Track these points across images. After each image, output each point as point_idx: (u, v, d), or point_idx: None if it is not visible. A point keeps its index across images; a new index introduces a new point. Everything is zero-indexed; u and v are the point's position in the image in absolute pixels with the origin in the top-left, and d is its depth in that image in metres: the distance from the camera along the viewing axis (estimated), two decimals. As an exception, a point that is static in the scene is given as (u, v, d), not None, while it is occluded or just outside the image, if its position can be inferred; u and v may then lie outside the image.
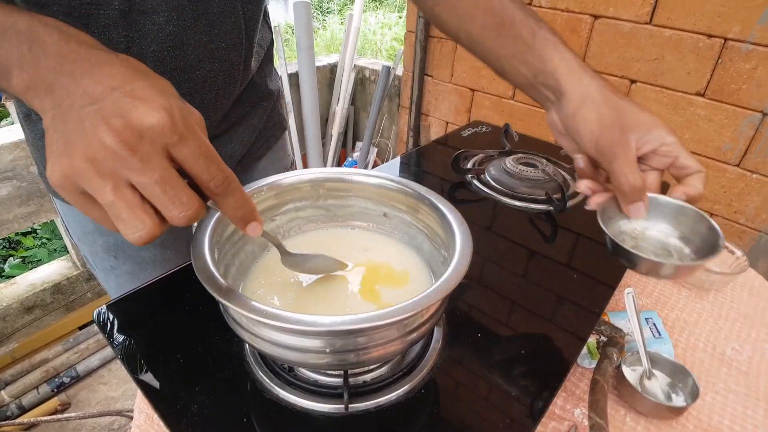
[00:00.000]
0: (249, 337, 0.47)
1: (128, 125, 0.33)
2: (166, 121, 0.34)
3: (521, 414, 0.53)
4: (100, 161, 0.33)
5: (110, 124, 0.33)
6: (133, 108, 0.34)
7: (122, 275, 0.85)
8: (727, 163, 1.50)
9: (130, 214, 0.35)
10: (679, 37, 1.46)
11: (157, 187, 0.35)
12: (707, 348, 0.79)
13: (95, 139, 0.33)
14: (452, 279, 0.45)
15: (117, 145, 0.33)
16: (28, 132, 0.73)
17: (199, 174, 0.37)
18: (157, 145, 0.35)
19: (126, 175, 0.34)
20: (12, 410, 1.68)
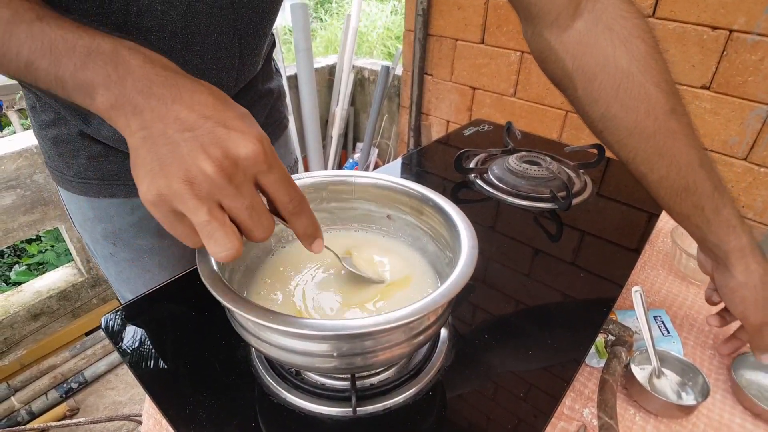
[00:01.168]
0: (256, 341, 0.46)
1: (226, 155, 0.37)
2: (259, 151, 0.38)
3: (530, 415, 0.52)
4: (198, 185, 0.37)
5: (209, 153, 0.37)
6: (229, 138, 0.38)
7: (121, 262, 0.86)
8: (733, 157, 1.49)
9: (222, 234, 0.38)
10: (682, 30, 1.45)
11: (245, 212, 0.39)
12: (716, 345, 0.79)
13: (194, 165, 0.37)
14: (459, 281, 0.44)
15: (216, 172, 0.37)
16: (34, 122, 0.75)
17: (281, 198, 0.42)
18: (249, 173, 0.39)
19: (220, 199, 0.38)
20: (22, 416, 1.69)
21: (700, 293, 0.89)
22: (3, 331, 1.80)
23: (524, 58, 1.83)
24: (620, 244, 0.82)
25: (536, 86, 1.85)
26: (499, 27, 1.85)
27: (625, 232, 0.85)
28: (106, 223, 0.82)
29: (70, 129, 0.73)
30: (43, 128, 0.74)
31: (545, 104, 1.85)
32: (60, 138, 0.74)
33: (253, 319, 0.40)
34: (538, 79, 1.83)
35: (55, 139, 0.74)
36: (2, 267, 2.71)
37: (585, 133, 1.79)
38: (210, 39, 0.64)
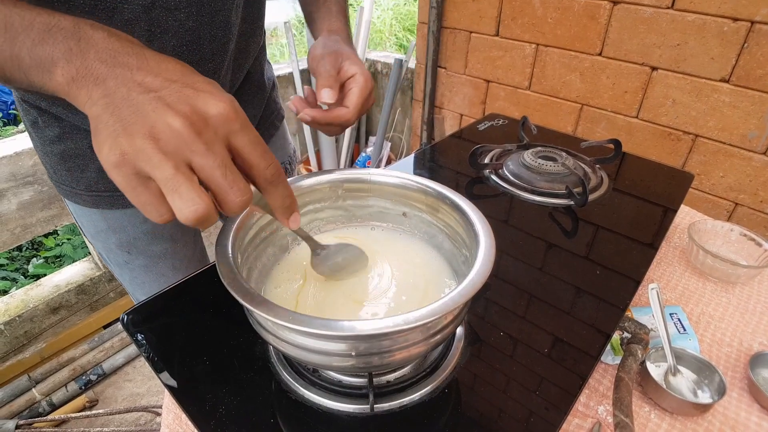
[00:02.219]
0: (274, 340, 0.47)
1: (195, 111, 0.36)
2: (230, 110, 0.37)
3: (545, 412, 0.52)
4: (164, 141, 0.35)
5: (177, 109, 0.35)
6: (198, 97, 0.36)
7: (136, 269, 0.87)
8: (752, 151, 1.47)
9: (188, 188, 0.35)
10: (702, 22, 1.42)
11: (218, 171, 0.36)
12: (733, 343, 0.78)
13: (160, 121, 0.35)
14: (477, 281, 0.44)
15: (184, 127, 0.35)
16: (36, 138, 0.75)
17: (256, 162, 0.39)
18: (221, 132, 0.37)
19: (188, 156, 0.36)
20: (43, 407, 1.73)
21: (718, 290, 0.88)
22: (23, 324, 1.83)
23: (539, 50, 1.81)
24: (637, 240, 0.81)
25: (551, 79, 1.83)
26: (513, 19, 1.83)
27: (641, 228, 0.84)
28: (119, 234, 0.82)
29: (77, 143, 0.72)
30: (47, 144, 0.73)
31: (560, 97, 1.83)
32: (67, 153, 0.73)
33: (272, 320, 0.41)
34: (553, 72, 1.81)
35: (63, 154, 0.73)
36: (20, 260, 2.76)
37: (600, 127, 1.77)
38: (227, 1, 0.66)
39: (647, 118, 1.65)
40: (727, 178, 1.56)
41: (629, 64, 1.62)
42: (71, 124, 0.71)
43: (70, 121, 0.70)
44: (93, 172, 0.75)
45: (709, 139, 1.55)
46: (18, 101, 0.72)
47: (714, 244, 0.96)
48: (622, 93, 1.67)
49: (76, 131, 0.71)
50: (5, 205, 1.65)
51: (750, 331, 0.80)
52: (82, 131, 0.71)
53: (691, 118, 1.56)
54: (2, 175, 1.61)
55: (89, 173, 0.75)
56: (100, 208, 0.78)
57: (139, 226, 0.82)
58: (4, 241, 1.69)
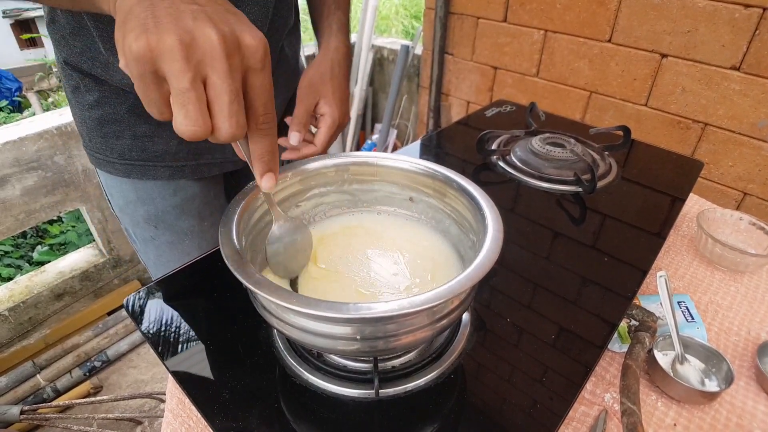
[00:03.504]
0: (278, 323, 0.47)
1: (233, 33, 0.36)
2: (261, 47, 0.38)
3: (551, 399, 0.52)
4: (193, 48, 0.35)
5: (217, 26, 0.36)
6: (238, 23, 0.37)
7: (161, 245, 0.88)
8: (762, 140, 1.45)
9: (196, 108, 0.36)
10: (713, 8, 1.40)
11: (227, 97, 0.37)
12: (741, 332, 0.77)
13: (198, 29, 0.35)
14: (484, 265, 0.44)
15: (218, 41, 0.35)
16: (75, 105, 0.76)
17: (259, 105, 0.40)
18: (246, 63, 0.38)
19: (209, 71, 0.36)
20: (48, 393, 1.74)
21: (726, 279, 0.87)
22: (28, 310, 1.84)
23: (548, 36, 1.79)
24: (645, 228, 0.80)
25: (559, 66, 1.81)
26: (522, 5, 1.80)
27: (650, 216, 0.83)
28: (148, 206, 0.83)
29: (115, 108, 0.74)
30: (86, 109, 0.75)
31: (568, 84, 1.81)
32: (105, 118, 0.74)
33: (276, 302, 0.40)
34: (562, 58, 1.79)
35: (100, 119, 0.75)
36: (25, 247, 2.77)
37: (608, 114, 1.76)
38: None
39: (656, 106, 1.63)
40: (736, 168, 1.54)
41: (639, 51, 1.60)
42: (111, 88, 0.72)
43: (109, 84, 0.72)
44: (128, 139, 0.76)
45: (719, 128, 1.53)
46: (61, 66, 0.74)
47: (723, 232, 0.94)
48: (631, 80, 1.65)
49: (115, 95, 0.73)
50: (9, 191, 1.65)
51: (758, 320, 0.79)
52: (122, 95, 0.73)
53: (701, 107, 1.54)
54: (6, 161, 1.60)
55: (124, 140, 0.76)
56: (131, 177, 0.80)
57: (168, 199, 0.83)
58: (8, 226, 1.69)
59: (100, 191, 1.86)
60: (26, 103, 4.83)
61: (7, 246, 2.67)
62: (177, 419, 0.61)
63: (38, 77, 4.74)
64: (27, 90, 4.80)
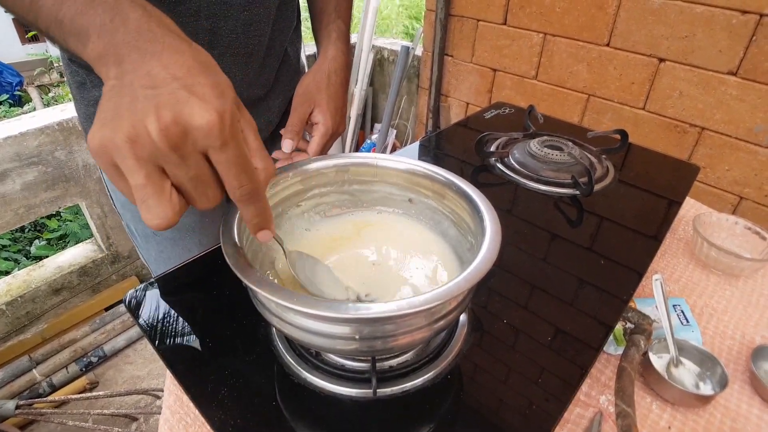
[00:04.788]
0: (278, 322, 0.47)
1: (176, 120, 0.35)
2: (214, 124, 0.35)
3: (547, 400, 0.52)
4: (139, 145, 0.35)
5: (160, 115, 0.34)
6: (187, 104, 0.35)
7: (163, 241, 0.88)
8: (758, 145, 1.46)
9: (156, 202, 0.36)
10: (711, 14, 1.41)
11: (189, 183, 0.37)
12: (736, 336, 0.78)
13: (141, 124, 0.34)
14: (482, 268, 0.44)
15: (160, 137, 0.34)
16: (80, 101, 0.77)
17: (229, 181, 0.39)
18: (199, 145, 0.36)
19: (162, 164, 0.36)
20: (44, 388, 1.74)
21: (721, 282, 0.88)
22: (25, 305, 1.84)
23: (547, 39, 1.80)
24: (641, 231, 0.81)
25: (558, 69, 1.82)
26: (522, 8, 1.81)
27: (646, 220, 0.84)
28: None
29: None
30: (91, 105, 0.75)
31: (567, 87, 1.82)
32: None
33: (276, 300, 0.41)
34: (561, 61, 1.80)
35: None
36: (23, 241, 2.77)
37: (606, 117, 1.76)
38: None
39: (654, 109, 1.64)
40: (732, 172, 1.55)
41: (637, 55, 1.61)
42: None
43: None
44: None
45: (716, 132, 1.54)
46: (66, 63, 0.74)
47: (718, 236, 0.95)
48: (629, 84, 1.66)
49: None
50: (9, 185, 1.65)
51: (753, 324, 0.80)
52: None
53: (698, 111, 1.55)
54: (7, 155, 1.60)
55: None
56: None
57: None
58: (8, 221, 1.69)
59: (99, 187, 1.86)
60: (27, 97, 4.82)
61: (5, 240, 2.67)
62: (174, 416, 0.61)
63: (39, 72, 4.73)
64: (28, 84, 4.79)
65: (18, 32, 7.10)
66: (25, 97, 4.88)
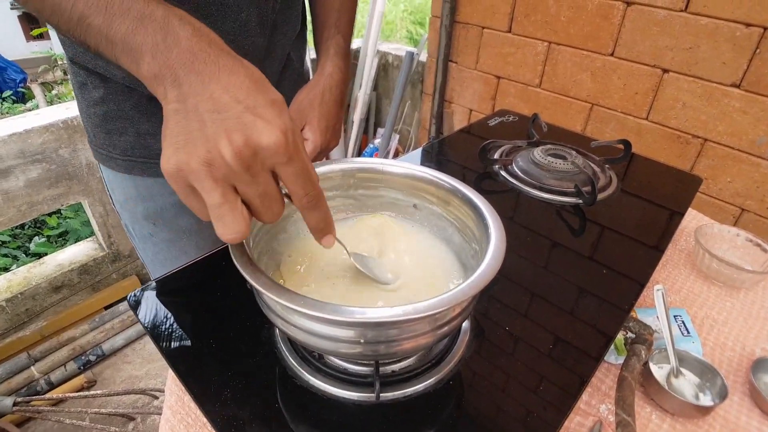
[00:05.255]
0: (283, 324, 0.47)
1: (247, 143, 0.37)
2: (281, 143, 0.38)
3: (547, 409, 0.53)
4: (216, 168, 0.37)
5: (231, 138, 0.37)
6: (254, 126, 0.38)
7: (159, 243, 0.88)
8: (760, 157, 1.47)
9: (232, 218, 0.39)
10: (715, 26, 1.42)
11: (257, 199, 0.40)
12: (736, 347, 0.78)
13: (215, 148, 0.37)
14: (486, 275, 0.44)
15: (234, 159, 0.37)
16: (82, 101, 0.77)
17: (296, 191, 0.42)
18: (268, 163, 0.39)
19: (234, 183, 0.39)
20: (41, 386, 1.74)
21: (722, 294, 0.88)
22: (25, 302, 1.84)
23: (551, 48, 1.81)
24: (643, 241, 0.81)
25: (562, 77, 1.82)
26: (527, 16, 1.82)
27: (648, 230, 0.84)
28: (148, 202, 0.84)
29: (120, 104, 0.75)
30: (92, 105, 0.76)
31: (570, 96, 1.83)
32: (110, 115, 0.76)
33: (283, 303, 0.41)
34: (565, 70, 1.80)
35: (105, 116, 0.76)
36: (22, 238, 2.77)
37: (609, 127, 1.77)
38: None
39: (657, 120, 1.65)
40: (734, 184, 1.55)
41: (641, 66, 1.61)
42: (116, 85, 0.73)
43: (114, 81, 0.73)
44: (131, 136, 0.77)
45: (718, 144, 1.54)
46: (69, 64, 0.75)
47: (720, 248, 0.95)
48: (632, 94, 1.67)
49: (120, 92, 0.74)
50: (13, 182, 1.65)
51: (753, 336, 0.80)
52: (126, 92, 0.74)
53: (701, 122, 1.55)
54: (11, 152, 1.61)
55: (127, 137, 0.77)
56: (132, 174, 0.81)
57: (167, 196, 0.83)
58: (10, 217, 1.70)
59: (102, 185, 1.87)
60: (30, 94, 4.83)
61: (4, 236, 2.67)
62: (176, 416, 0.62)
63: (43, 69, 4.74)
64: (31, 81, 4.80)
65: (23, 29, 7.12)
66: (28, 94, 4.89)
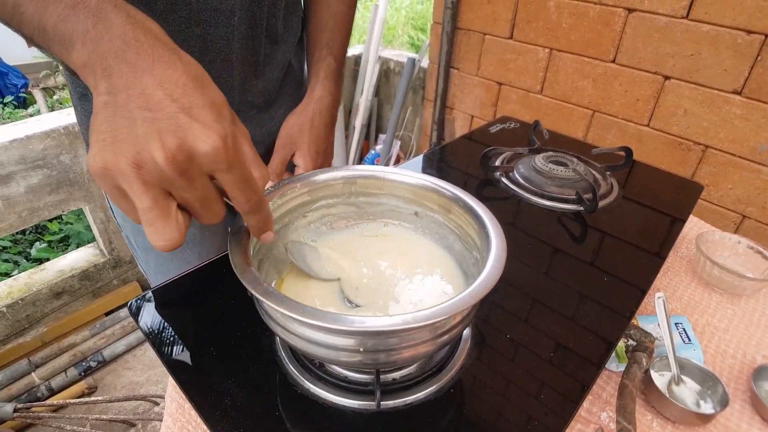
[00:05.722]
0: (283, 332, 0.47)
1: (181, 147, 0.35)
2: (219, 149, 0.36)
3: (548, 416, 0.52)
4: (146, 171, 0.35)
5: (164, 141, 0.35)
6: (189, 129, 0.35)
7: (162, 254, 0.87)
8: (762, 164, 1.47)
9: (163, 224, 0.37)
10: (716, 33, 1.42)
11: (196, 203, 0.39)
12: (737, 355, 0.78)
13: (146, 150, 0.34)
14: (487, 283, 0.44)
15: (167, 164, 0.35)
16: (81, 112, 0.76)
17: (236, 197, 0.41)
18: (205, 169, 0.37)
19: (168, 188, 0.36)
20: (42, 391, 1.73)
21: (723, 302, 0.88)
22: (26, 308, 1.84)
23: (553, 55, 1.81)
24: (644, 248, 0.81)
25: (563, 84, 1.83)
26: (528, 23, 1.83)
27: (649, 237, 0.84)
28: None
29: None
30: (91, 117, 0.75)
31: (572, 103, 1.83)
32: None
33: (282, 311, 0.41)
34: (566, 77, 1.81)
35: None
36: (23, 243, 2.76)
37: (611, 134, 1.77)
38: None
39: (658, 126, 1.65)
40: (735, 190, 1.55)
41: (642, 73, 1.62)
42: None
43: None
44: None
45: (720, 151, 1.55)
46: (66, 74, 0.75)
47: (721, 255, 0.95)
48: (634, 101, 1.67)
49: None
50: (14, 188, 1.65)
51: (754, 343, 0.80)
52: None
53: (702, 129, 1.55)
54: (12, 158, 1.61)
55: None
56: None
57: None
58: (11, 223, 1.70)
59: (103, 192, 1.87)
60: (31, 99, 4.83)
61: (5, 241, 2.67)
62: (176, 423, 0.61)
63: (44, 74, 4.75)
64: (33, 87, 4.81)
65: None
66: (29, 99, 4.90)
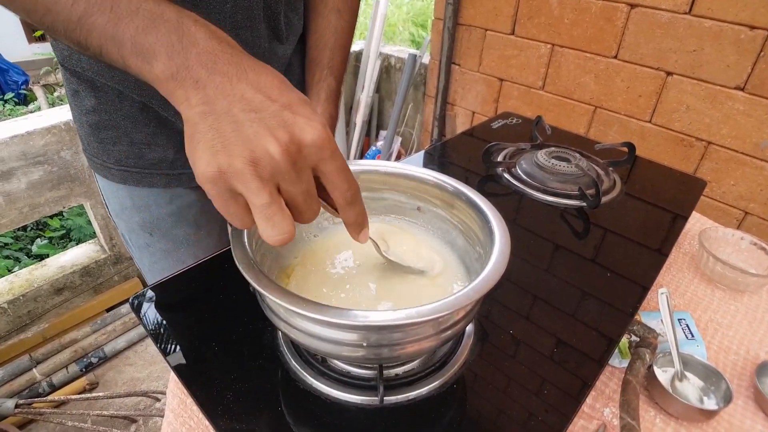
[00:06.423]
0: (285, 327, 0.47)
1: (293, 140, 0.37)
2: (324, 138, 0.38)
3: (551, 412, 0.52)
4: (262, 167, 0.36)
5: (276, 136, 0.36)
6: (296, 123, 0.37)
7: (156, 253, 0.87)
8: (764, 160, 1.46)
9: (281, 218, 0.38)
10: (719, 29, 1.41)
11: (300, 197, 0.39)
12: (740, 351, 0.78)
13: (260, 147, 0.36)
14: (491, 278, 0.44)
15: (281, 156, 0.36)
16: (75, 108, 0.76)
17: (340, 186, 0.41)
18: (312, 159, 0.38)
19: (279, 182, 0.38)
20: (43, 388, 1.74)
21: (726, 298, 0.88)
22: (27, 304, 1.84)
23: (555, 50, 1.81)
24: (647, 245, 0.81)
25: (565, 80, 1.82)
26: (530, 18, 1.82)
27: (652, 233, 0.84)
28: (143, 213, 0.82)
29: (111, 114, 0.73)
30: (84, 114, 0.74)
31: (574, 99, 1.83)
32: (102, 124, 0.74)
33: (285, 305, 0.41)
34: (568, 73, 1.80)
35: (98, 125, 0.74)
36: (24, 240, 2.77)
37: (613, 130, 1.77)
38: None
39: (660, 122, 1.65)
40: (738, 187, 1.55)
41: (644, 68, 1.61)
42: (108, 94, 0.71)
43: (106, 89, 0.71)
44: (125, 146, 0.76)
45: (722, 147, 1.54)
46: (61, 70, 0.73)
47: (724, 251, 0.95)
48: (636, 97, 1.66)
49: (112, 102, 0.72)
50: (15, 184, 1.65)
51: (757, 339, 0.80)
52: (118, 101, 0.72)
53: (705, 125, 1.55)
54: (13, 154, 1.61)
55: (121, 147, 0.76)
56: (127, 184, 0.79)
57: (163, 207, 0.82)
58: (12, 219, 1.70)
59: (104, 188, 1.87)
60: (32, 96, 4.84)
61: (7, 238, 2.67)
62: (178, 419, 0.61)
63: (45, 71, 4.75)
64: (33, 83, 4.82)
65: (25, 31, 7.14)
66: (30, 96, 4.90)
